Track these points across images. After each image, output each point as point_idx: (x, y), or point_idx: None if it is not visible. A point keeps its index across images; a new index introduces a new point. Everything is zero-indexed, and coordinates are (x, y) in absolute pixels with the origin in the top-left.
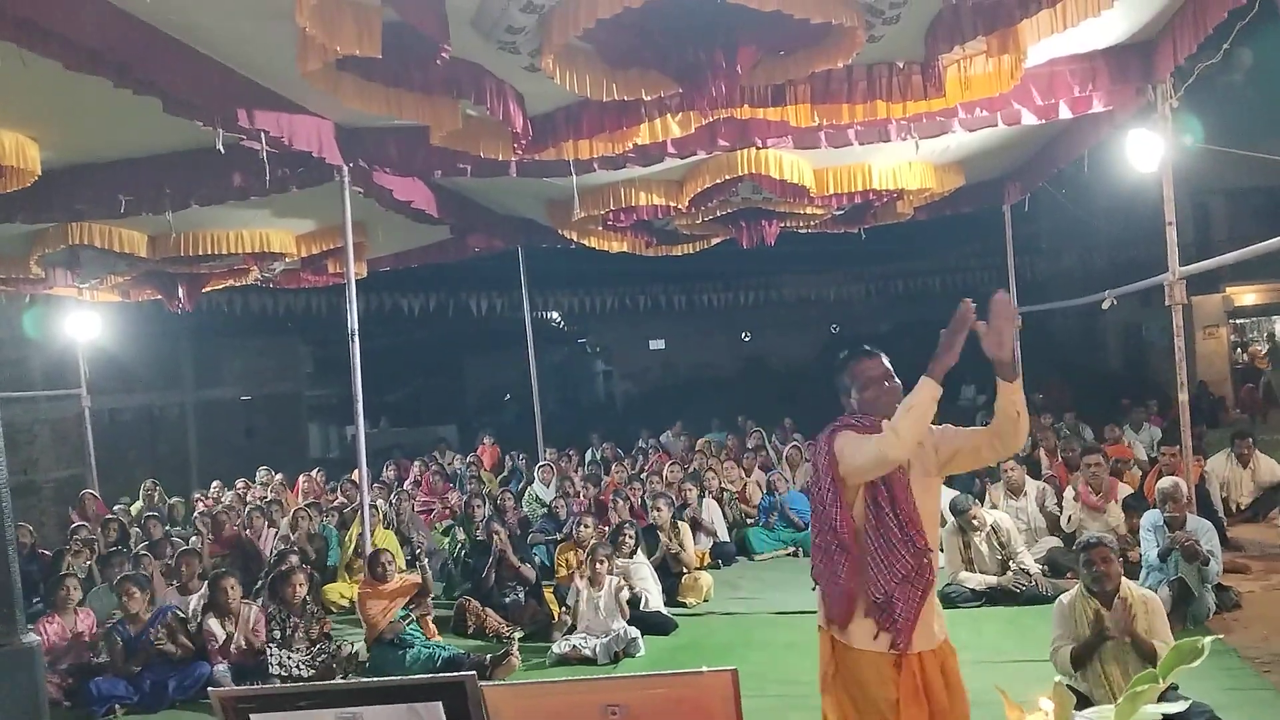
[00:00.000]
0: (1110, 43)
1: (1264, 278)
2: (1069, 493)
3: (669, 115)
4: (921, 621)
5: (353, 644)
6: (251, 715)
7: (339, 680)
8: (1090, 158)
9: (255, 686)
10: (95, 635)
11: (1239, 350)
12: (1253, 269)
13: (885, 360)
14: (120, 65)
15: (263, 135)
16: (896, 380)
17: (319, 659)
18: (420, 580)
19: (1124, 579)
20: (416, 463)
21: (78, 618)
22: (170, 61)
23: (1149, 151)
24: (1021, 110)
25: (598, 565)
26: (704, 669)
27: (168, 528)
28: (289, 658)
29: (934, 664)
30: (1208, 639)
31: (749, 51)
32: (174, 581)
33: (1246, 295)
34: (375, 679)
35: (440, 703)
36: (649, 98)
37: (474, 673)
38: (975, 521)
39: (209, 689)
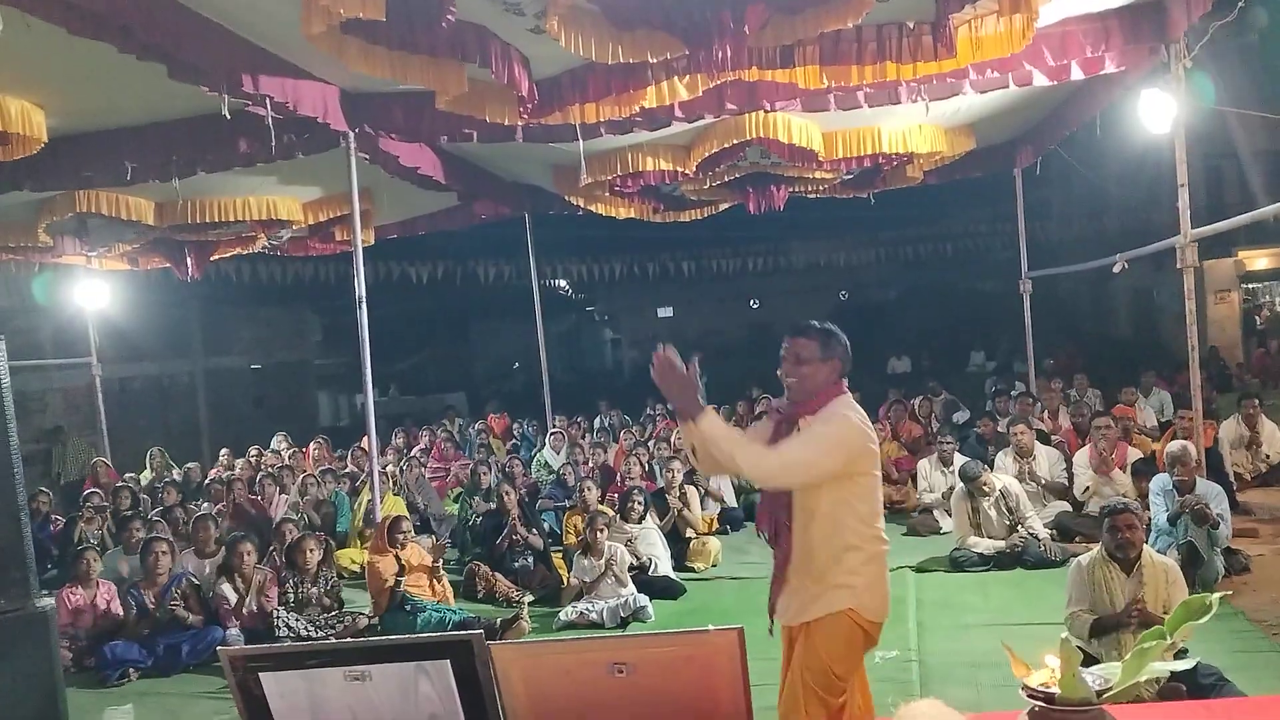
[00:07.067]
0: (1123, 2)
1: (1276, 242)
2: (1079, 458)
3: (676, 78)
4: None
5: (369, 616)
6: (261, 674)
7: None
8: (1102, 120)
9: (265, 645)
10: (112, 606)
11: (1264, 312)
12: (1265, 233)
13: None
14: (125, 30)
15: (268, 101)
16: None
17: (333, 625)
18: (434, 562)
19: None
20: (425, 430)
21: (98, 590)
22: (175, 26)
23: (1161, 113)
24: (1033, 71)
25: (597, 533)
26: (710, 628)
27: (180, 495)
28: (296, 620)
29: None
30: (1216, 596)
31: (757, 11)
32: (190, 546)
33: (1259, 260)
34: (384, 638)
35: (448, 661)
36: (655, 60)
37: (481, 632)
38: (985, 487)
39: (219, 649)
